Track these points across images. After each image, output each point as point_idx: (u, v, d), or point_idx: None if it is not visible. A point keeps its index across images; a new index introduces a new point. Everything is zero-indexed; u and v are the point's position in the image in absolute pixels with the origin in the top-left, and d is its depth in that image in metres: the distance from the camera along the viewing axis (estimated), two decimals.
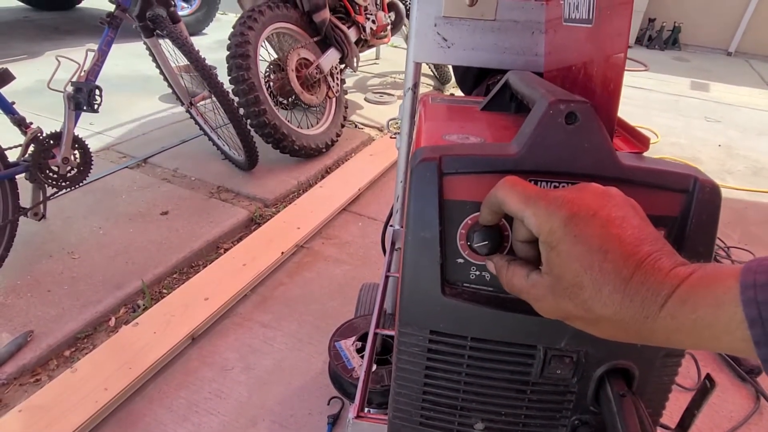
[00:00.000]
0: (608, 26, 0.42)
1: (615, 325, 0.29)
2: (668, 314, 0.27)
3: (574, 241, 0.30)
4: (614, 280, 0.28)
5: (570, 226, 0.30)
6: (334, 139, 2.29)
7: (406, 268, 0.42)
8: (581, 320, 0.32)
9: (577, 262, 0.30)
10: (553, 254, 0.31)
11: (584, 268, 0.29)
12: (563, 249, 0.31)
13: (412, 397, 0.47)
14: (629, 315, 0.28)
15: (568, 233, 0.30)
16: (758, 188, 2.32)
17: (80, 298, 1.33)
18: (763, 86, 4.27)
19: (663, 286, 0.27)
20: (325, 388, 1.14)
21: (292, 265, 1.58)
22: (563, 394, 0.44)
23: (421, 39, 0.72)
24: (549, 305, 0.33)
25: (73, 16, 4.55)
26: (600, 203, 0.31)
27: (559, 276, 0.31)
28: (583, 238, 0.30)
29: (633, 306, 0.28)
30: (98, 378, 1.09)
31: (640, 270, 0.28)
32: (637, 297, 0.28)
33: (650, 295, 0.27)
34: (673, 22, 5.48)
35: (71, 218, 1.66)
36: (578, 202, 0.31)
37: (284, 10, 2.05)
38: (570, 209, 0.31)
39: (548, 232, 0.31)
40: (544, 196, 0.33)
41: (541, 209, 0.32)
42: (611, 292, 0.29)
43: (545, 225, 0.32)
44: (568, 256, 0.30)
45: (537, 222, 0.32)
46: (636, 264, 0.28)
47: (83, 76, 1.43)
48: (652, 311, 0.27)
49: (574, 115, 0.36)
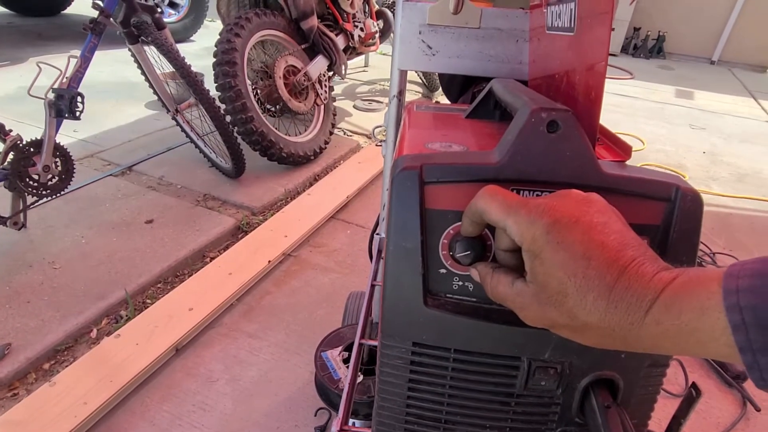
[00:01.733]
0: (589, 35, 0.42)
1: (601, 332, 0.29)
2: (653, 320, 0.27)
3: (556, 248, 0.30)
4: (598, 287, 0.28)
5: (552, 233, 0.30)
6: (323, 147, 2.28)
7: (388, 279, 0.41)
8: (567, 328, 0.31)
9: (560, 269, 0.30)
10: (537, 262, 0.31)
11: (568, 276, 0.29)
12: (546, 257, 0.30)
13: (396, 411, 0.46)
14: (614, 321, 0.28)
15: (550, 240, 0.30)
16: (742, 194, 2.35)
17: (61, 309, 1.30)
18: (745, 94, 4.36)
19: (647, 291, 0.27)
20: (312, 399, 1.12)
21: (279, 274, 1.56)
22: (548, 406, 0.43)
23: (405, 46, 0.72)
24: (534, 314, 0.32)
25: (58, 23, 4.51)
26: (582, 210, 0.31)
27: (543, 284, 0.31)
28: (565, 245, 0.30)
29: (618, 312, 0.28)
30: (78, 391, 1.06)
31: (624, 276, 0.28)
32: (621, 303, 0.28)
33: (635, 301, 0.27)
34: (658, 32, 5.58)
35: (52, 227, 1.63)
36: (560, 209, 0.31)
37: (271, 18, 2.05)
38: (551, 216, 0.31)
39: (531, 240, 0.31)
40: (524, 204, 0.32)
41: (522, 217, 0.32)
42: (595, 298, 0.28)
43: (527, 233, 0.31)
44: (552, 263, 0.30)
45: (519, 230, 0.32)
46: (620, 270, 0.28)
47: (65, 83, 1.41)
48: (637, 317, 0.27)
49: (555, 124, 0.36)
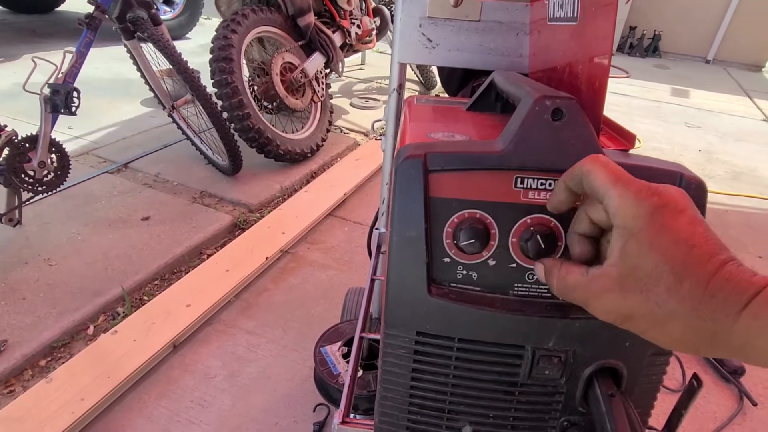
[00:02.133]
0: (593, 25, 0.42)
1: (687, 324, 0.28)
2: (751, 313, 0.26)
3: (660, 230, 0.29)
4: (697, 274, 0.28)
5: (658, 215, 0.29)
6: (320, 144, 2.28)
7: (392, 268, 0.41)
8: (647, 318, 0.30)
9: (659, 251, 0.29)
10: (633, 241, 0.30)
11: (666, 259, 0.28)
12: (646, 236, 0.29)
13: (399, 401, 0.46)
14: (708, 312, 0.27)
15: (655, 221, 0.29)
16: (738, 192, 2.36)
17: (57, 306, 1.29)
18: (740, 93, 4.38)
19: (748, 286, 0.26)
20: (311, 395, 1.12)
21: (276, 271, 1.56)
22: (552, 395, 0.43)
23: (405, 39, 0.72)
24: (611, 301, 0.31)
25: (52, 19, 4.47)
26: (687, 203, 0.30)
27: (634, 266, 0.30)
28: (670, 229, 0.29)
29: (714, 302, 0.27)
30: (75, 388, 1.06)
31: (725, 269, 0.27)
32: (719, 293, 0.27)
33: (734, 293, 0.26)
34: (654, 31, 5.60)
35: (48, 224, 1.62)
36: (668, 196, 0.30)
37: (268, 14, 2.04)
38: (662, 199, 0.30)
39: (633, 217, 0.30)
40: (634, 181, 0.31)
41: (630, 192, 0.31)
42: (692, 285, 0.27)
43: (630, 209, 0.30)
44: (651, 244, 0.29)
45: (621, 205, 0.31)
46: (720, 263, 0.27)
47: (60, 78, 1.40)
48: (733, 309, 0.26)
49: (560, 111, 0.36)
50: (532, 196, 0.38)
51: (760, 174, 2.61)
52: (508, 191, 0.38)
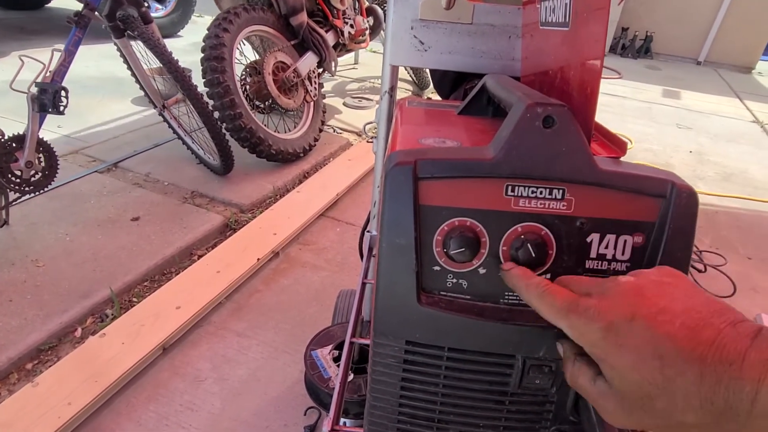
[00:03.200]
0: (585, 30, 0.41)
1: (702, 428, 0.26)
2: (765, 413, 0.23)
3: (620, 353, 0.28)
4: (684, 385, 0.25)
5: (610, 337, 0.28)
6: (312, 144, 2.26)
7: (381, 276, 0.40)
8: (662, 429, 0.28)
9: (634, 373, 0.27)
10: (606, 367, 0.29)
11: (645, 380, 0.27)
12: (613, 362, 0.28)
13: (388, 410, 0.45)
14: (714, 418, 0.25)
15: (610, 345, 0.28)
16: (728, 193, 2.38)
17: (44, 308, 1.27)
18: (731, 95, 4.42)
19: (743, 382, 0.24)
20: (302, 398, 1.11)
21: (268, 272, 1.55)
22: (542, 404, 0.43)
23: (397, 42, 0.71)
24: (621, 417, 0.30)
25: (41, 16, 4.42)
26: (635, 301, 0.28)
27: (622, 390, 0.28)
28: (629, 347, 0.27)
29: (716, 408, 0.25)
30: (62, 392, 1.04)
31: (709, 368, 0.25)
32: (717, 398, 0.24)
33: (732, 395, 0.24)
34: (646, 32, 5.63)
35: (36, 224, 1.60)
36: (611, 308, 0.29)
37: (261, 13, 2.03)
38: (604, 319, 0.28)
39: (590, 345, 0.29)
40: (574, 308, 0.30)
41: (574, 322, 0.30)
42: (685, 397, 0.25)
43: (584, 339, 0.30)
44: (622, 369, 0.28)
45: (576, 335, 0.30)
46: (700, 362, 0.25)
47: (48, 77, 1.38)
48: (742, 410, 0.24)
49: (551, 119, 0.35)
50: (522, 204, 0.38)
51: (750, 175, 2.64)
52: (498, 199, 0.38)
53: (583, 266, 0.39)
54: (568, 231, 0.38)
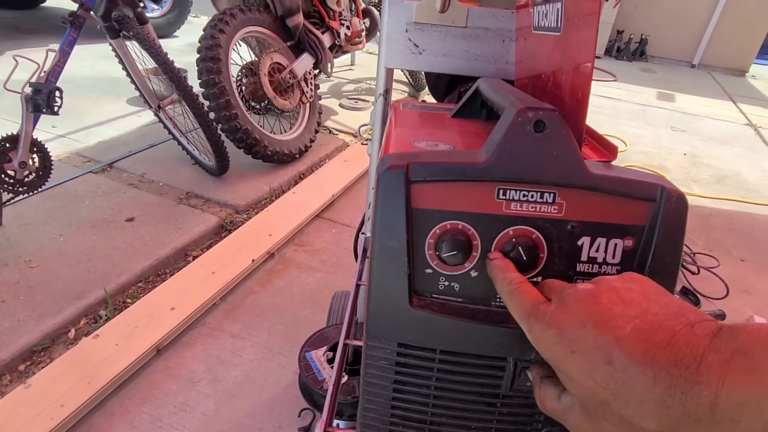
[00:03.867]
0: (576, 35, 0.42)
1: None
2: (727, 418, 0.22)
3: (573, 359, 0.28)
4: (638, 390, 0.25)
5: (563, 344, 0.28)
6: (308, 145, 2.26)
7: (374, 279, 0.40)
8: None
9: (588, 379, 0.27)
10: (562, 374, 0.29)
11: (599, 385, 0.26)
12: (567, 369, 0.28)
13: (381, 412, 0.45)
14: (675, 421, 0.24)
15: (564, 351, 0.28)
16: (721, 196, 2.40)
17: (37, 309, 1.26)
18: (724, 97, 4.45)
19: (700, 386, 0.23)
20: (296, 400, 1.11)
21: (263, 273, 1.54)
22: (534, 407, 0.43)
23: (392, 44, 0.71)
24: (589, 429, 0.29)
25: (36, 16, 4.40)
26: (588, 307, 0.28)
27: (579, 396, 0.29)
28: (580, 354, 0.27)
29: (674, 413, 0.24)
30: (55, 393, 1.04)
31: (661, 370, 0.24)
32: (673, 403, 0.24)
33: (690, 399, 0.23)
34: (641, 35, 5.66)
35: (29, 225, 1.59)
36: (564, 315, 0.29)
37: (257, 14, 2.03)
38: (557, 326, 0.29)
39: (545, 351, 0.30)
40: (534, 312, 0.31)
41: (532, 326, 0.31)
42: (639, 402, 0.25)
43: (539, 344, 0.30)
44: (576, 375, 0.28)
45: (532, 339, 0.31)
46: (651, 364, 0.24)
47: (43, 77, 1.37)
48: (702, 414, 0.23)
49: (542, 123, 0.36)
50: (514, 208, 0.38)
51: (743, 178, 2.65)
52: (490, 203, 0.38)
53: (574, 269, 0.39)
54: (559, 234, 0.38)
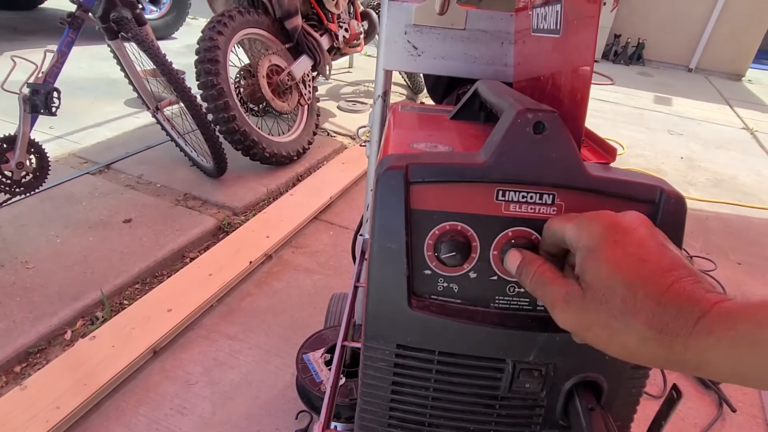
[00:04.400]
0: (575, 38, 0.42)
1: (642, 337, 0.28)
2: (704, 329, 0.26)
3: (614, 245, 0.31)
4: (650, 286, 0.28)
5: (611, 231, 0.31)
6: (306, 147, 2.26)
7: (372, 280, 0.40)
8: (606, 329, 0.30)
9: (614, 265, 0.30)
10: (590, 257, 0.31)
11: (620, 272, 0.29)
12: (601, 251, 0.31)
13: (379, 414, 0.45)
14: (661, 323, 0.27)
15: (608, 237, 0.31)
16: (718, 199, 2.40)
17: (33, 311, 1.26)
18: (721, 101, 4.47)
19: (700, 301, 0.26)
20: (293, 402, 1.10)
21: (260, 275, 1.54)
22: (532, 408, 0.43)
23: (391, 46, 0.71)
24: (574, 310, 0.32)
25: (35, 17, 4.39)
26: (639, 223, 0.32)
27: (592, 280, 0.31)
28: (623, 244, 0.30)
29: (667, 314, 0.27)
30: (50, 395, 1.03)
31: (679, 283, 0.28)
32: (671, 306, 0.27)
33: (687, 306, 0.27)
34: (638, 39, 5.69)
35: (26, 226, 1.58)
36: (619, 218, 0.32)
37: (255, 16, 2.03)
38: (614, 219, 0.32)
39: (588, 236, 0.32)
40: (587, 214, 0.34)
41: (583, 220, 0.33)
42: (645, 296, 0.28)
43: (585, 231, 0.32)
44: (606, 258, 0.30)
45: (577, 230, 0.33)
46: (674, 278, 0.28)
47: (41, 78, 1.37)
48: (687, 322, 0.26)
49: (541, 125, 0.36)
50: (513, 209, 0.38)
51: (740, 181, 2.66)
52: (489, 204, 0.38)
53: None
54: None
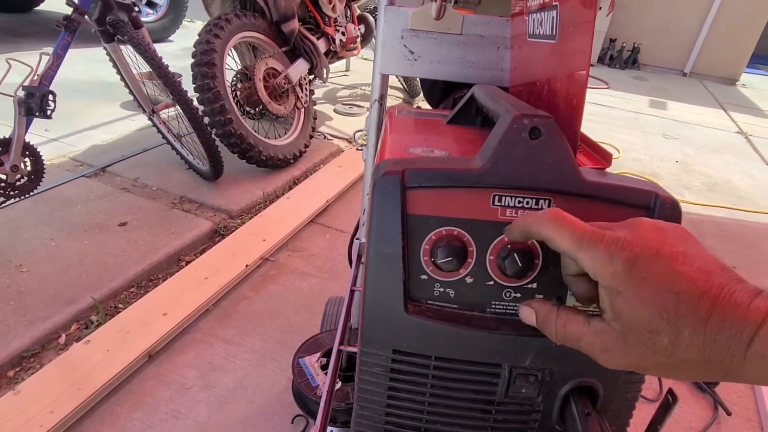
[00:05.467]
0: (571, 43, 0.42)
1: (698, 367, 0.28)
2: (757, 354, 0.25)
3: (641, 285, 0.29)
4: (693, 322, 0.27)
5: (635, 269, 0.29)
6: (303, 150, 2.26)
7: (369, 285, 0.40)
8: (660, 367, 0.30)
9: (648, 306, 0.28)
10: (620, 300, 0.30)
11: (658, 312, 0.28)
12: (630, 294, 0.29)
13: (375, 419, 0.45)
14: (714, 356, 0.27)
15: (633, 276, 0.29)
16: (713, 203, 2.42)
17: (27, 314, 1.25)
18: (715, 106, 4.50)
19: (746, 323, 0.26)
20: (289, 407, 1.10)
21: (256, 279, 1.54)
22: (528, 414, 0.43)
23: (387, 51, 0.72)
24: (619, 355, 0.31)
25: (31, 19, 4.38)
26: (660, 240, 0.30)
27: (629, 323, 0.29)
28: (650, 280, 0.28)
29: (717, 347, 0.27)
30: (44, 400, 1.02)
31: (718, 307, 0.27)
32: (720, 337, 0.26)
33: (734, 334, 0.26)
34: (633, 43, 5.72)
35: (20, 229, 1.57)
36: (638, 242, 0.30)
37: (252, 19, 2.03)
38: (631, 251, 0.29)
39: (610, 277, 0.30)
40: (600, 238, 0.31)
41: (599, 252, 0.30)
42: (692, 334, 0.27)
43: (606, 270, 0.30)
44: (638, 300, 0.29)
45: (595, 266, 0.31)
46: (712, 301, 0.27)
47: (36, 81, 1.36)
48: (738, 351, 0.26)
49: (537, 130, 0.36)
50: (509, 214, 0.38)
51: (734, 185, 2.68)
52: (485, 209, 0.38)
53: None
54: None
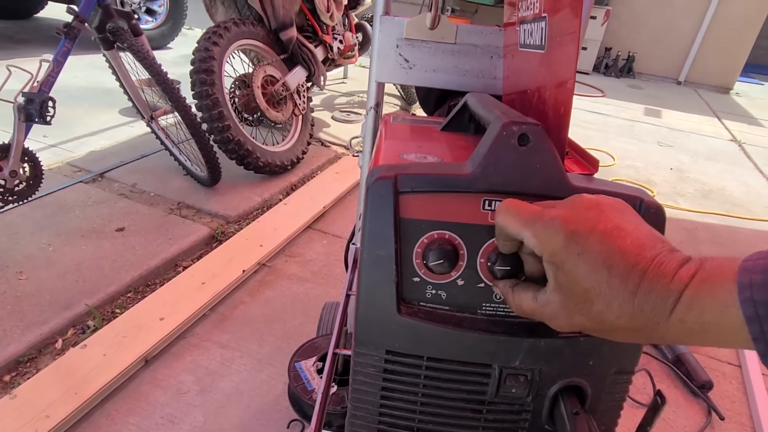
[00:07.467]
0: (559, 53, 0.43)
1: (629, 332, 0.31)
2: (677, 320, 0.28)
3: (577, 260, 0.31)
4: (622, 294, 0.30)
5: (571, 245, 0.31)
6: (300, 157, 2.28)
7: (362, 287, 0.41)
8: (596, 331, 0.33)
9: (583, 279, 0.31)
10: (560, 274, 0.32)
11: (591, 285, 0.31)
12: (568, 268, 0.32)
13: (368, 419, 0.46)
14: (641, 323, 0.30)
15: (570, 252, 0.31)
16: (707, 210, 2.44)
17: (24, 319, 1.25)
18: (710, 114, 4.54)
19: (669, 293, 0.28)
20: (285, 411, 1.10)
21: (253, 284, 1.54)
22: (518, 413, 0.44)
23: (383, 59, 0.73)
24: (563, 322, 0.34)
25: (30, 26, 4.40)
26: (595, 216, 0.32)
27: (568, 293, 0.32)
28: (585, 255, 0.31)
29: (644, 315, 0.29)
30: (40, 404, 1.02)
31: (646, 279, 0.29)
32: (646, 306, 0.29)
33: (659, 303, 0.28)
34: (628, 52, 5.78)
35: (18, 234, 1.58)
36: (574, 219, 0.32)
37: (250, 27, 2.05)
38: (568, 228, 0.32)
39: (551, 253, 0.32)
40: (540, 217, 0.33)
41: (539, 230, 0.33)
42: (621, 304, 0.30)
43: (546, 246, 0.33)
44: (574, 274, 0.31)
45: (537, 243, 0.33)
46: (640, 274, 0.29)
47: (36, 87, 1.37)
48: (662, 318, 0.29)
49: (526, 137, 0.37)
50: None
51: (728, 192, 2.70)
52: (476, 213, 0.39)
53: None
54: None
